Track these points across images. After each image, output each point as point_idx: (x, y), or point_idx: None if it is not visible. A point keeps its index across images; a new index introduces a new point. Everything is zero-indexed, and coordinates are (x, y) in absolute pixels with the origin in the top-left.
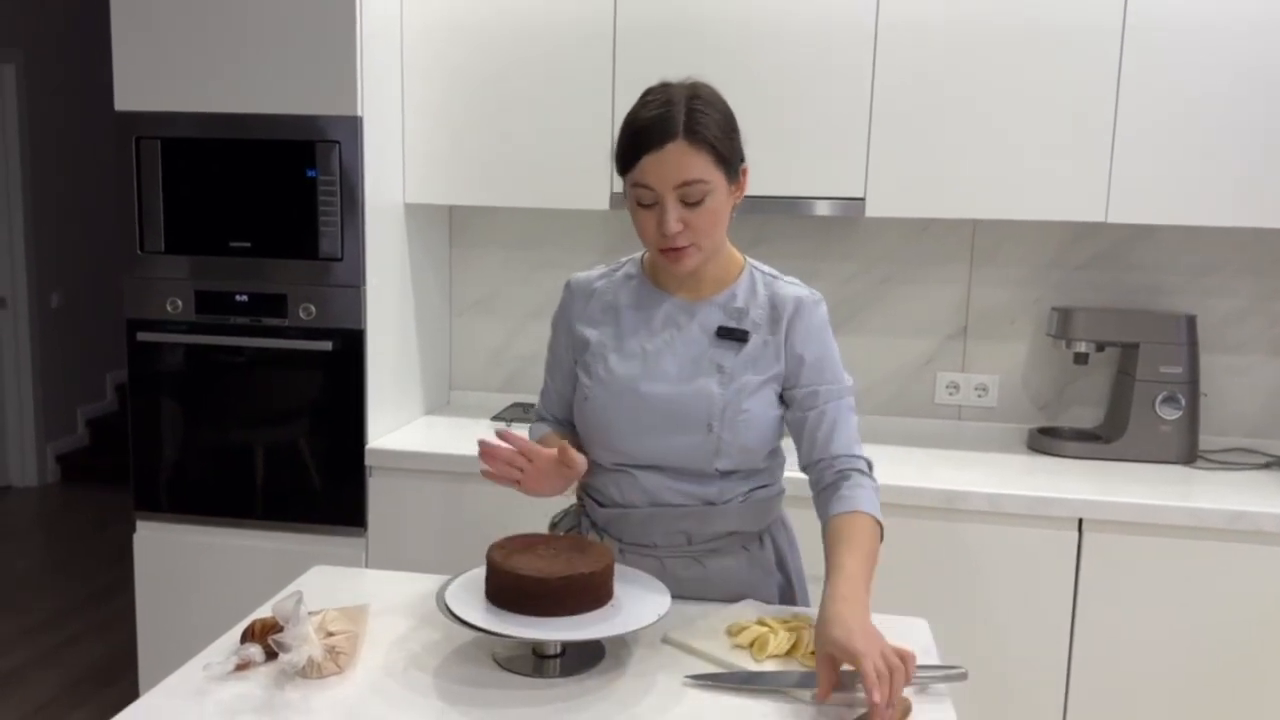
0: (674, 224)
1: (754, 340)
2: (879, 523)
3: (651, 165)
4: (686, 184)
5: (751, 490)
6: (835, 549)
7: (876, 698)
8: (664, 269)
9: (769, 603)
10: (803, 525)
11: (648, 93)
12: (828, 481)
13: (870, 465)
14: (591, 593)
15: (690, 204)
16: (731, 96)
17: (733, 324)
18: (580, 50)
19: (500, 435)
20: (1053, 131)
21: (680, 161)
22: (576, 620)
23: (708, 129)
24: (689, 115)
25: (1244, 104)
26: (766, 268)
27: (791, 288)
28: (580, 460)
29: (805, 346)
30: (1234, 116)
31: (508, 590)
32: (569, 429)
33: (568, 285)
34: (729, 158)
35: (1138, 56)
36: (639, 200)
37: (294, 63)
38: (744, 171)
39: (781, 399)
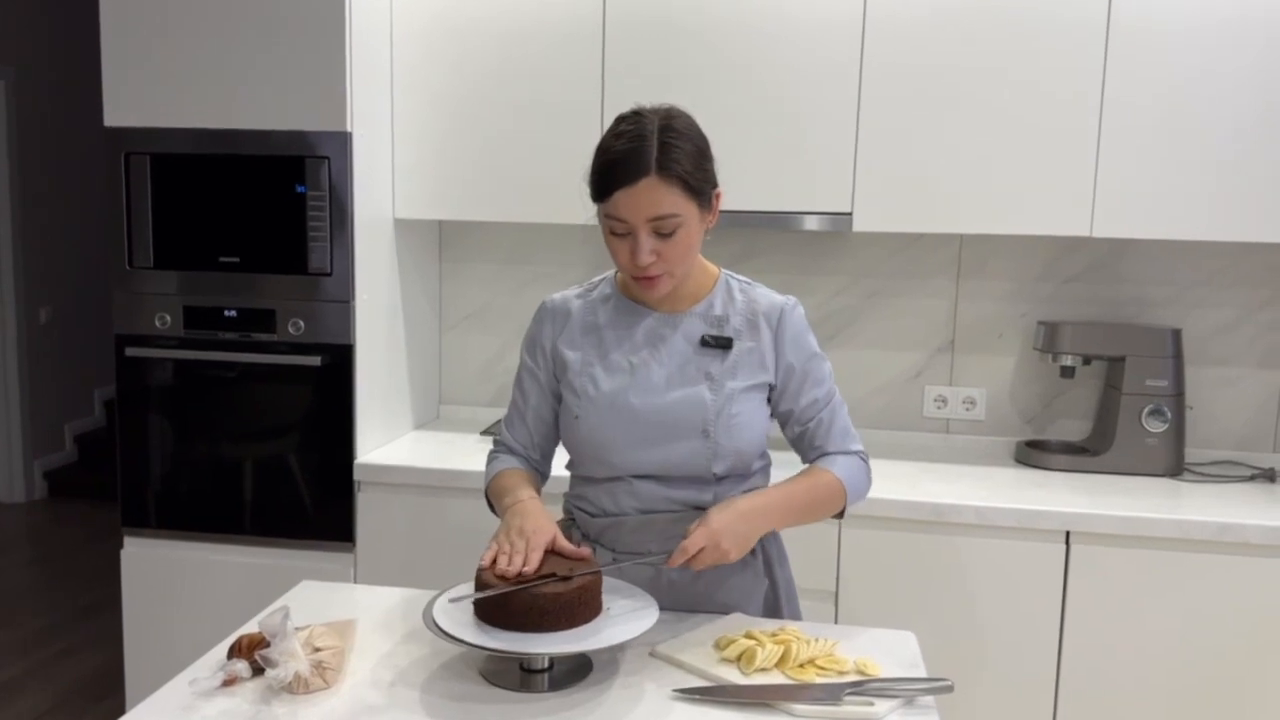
0: (647, 256)
1: (737, 347)
2: (846, 491)
3: (624, 199)
4: (659, 218)
5: (744, 493)
6: (791, 478)
7: (677, 555)
8: (638, 292)
9: (756, 610)
10: (792, 536)
11: (619, 121)
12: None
13: (866, 455)
14: (580, 607)
15: (663, 235)
16: (719, 114)
17: (715, 332)
18: (569, 66)
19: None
20: (1038, 146)
21: (653, 197)
22: (564, 634)
23: (679, 163)
24: (661, 149)
25: (1227, 118)
26: (740, 277)
27: (769, 295)
28: (584, 552)
29: (795, 356)
30: (1217, 130)
31: (496, 605)
32: (533, 463)
33: (543, 306)
34: (700, 189)
35: (1121, 72)
36: (612, 230)
37: (283, 78)
38: (717, 196)
39: (769, 402)
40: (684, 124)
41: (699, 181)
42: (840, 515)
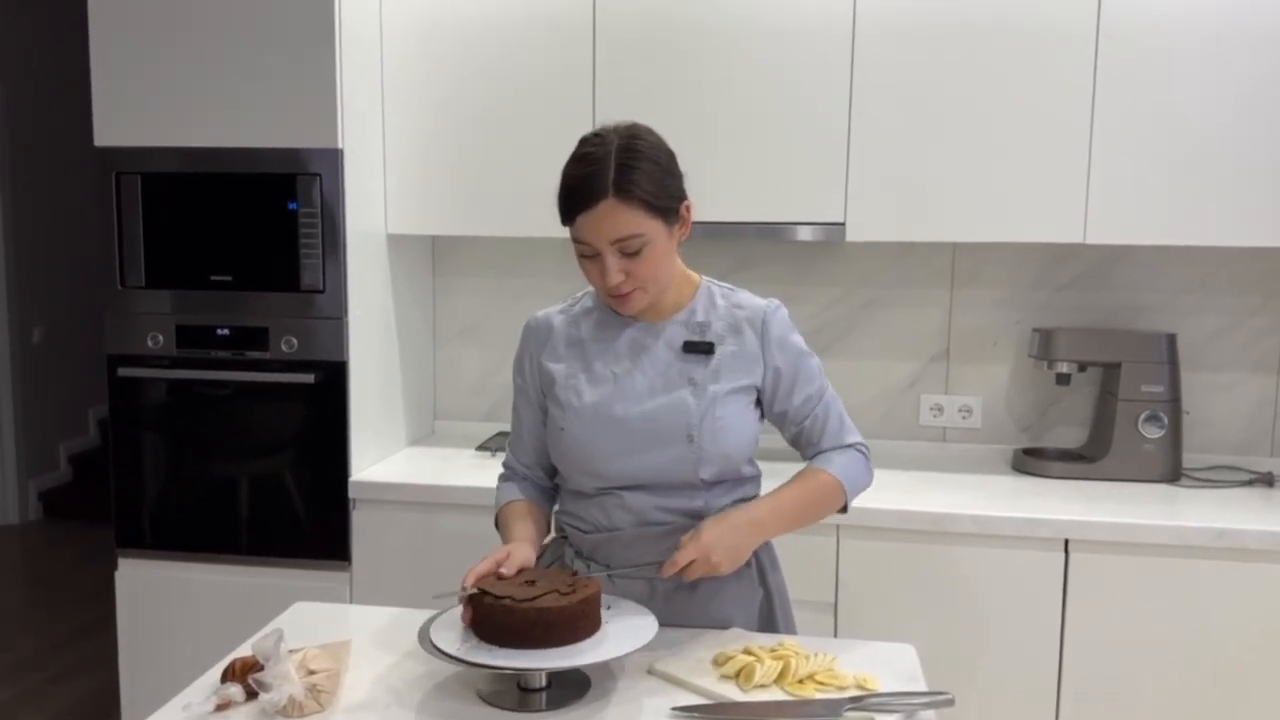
0: (615, 276)
1: (720, 351)
2: (843, 487)
3: (585, 223)
4: (622, 239)
5: (735, 502)
6: (785, 483)
7: (668, 566)
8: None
9: (751, 619)
10: (790, 548)
11: (581, 143)
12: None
13: (864, 446)
14: (583, 620)
15: (629, 254)
16: (710, 125)
17: (696, 338)
18: (559, 80)
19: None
20: (1030, 154)
21: (613, 220)
22: (562, 651)
23: (638, 184)
24: (619, 171)
25: (1218, 123)
26: (723, 284)
27: (751, 299)
28: (522, 561)
29: (783, 357)
30: (1209, 136)
31: (493, 624)
32: (537, 480)
33: (526, 326)
34: (664, 206)
35: (1111, 78)
36: (580, 252)
37: (274, 96)
38: (687, 208)
39: (759, 405)
40: (645, 143)
41: (661, 200)
42: (844, 510)
